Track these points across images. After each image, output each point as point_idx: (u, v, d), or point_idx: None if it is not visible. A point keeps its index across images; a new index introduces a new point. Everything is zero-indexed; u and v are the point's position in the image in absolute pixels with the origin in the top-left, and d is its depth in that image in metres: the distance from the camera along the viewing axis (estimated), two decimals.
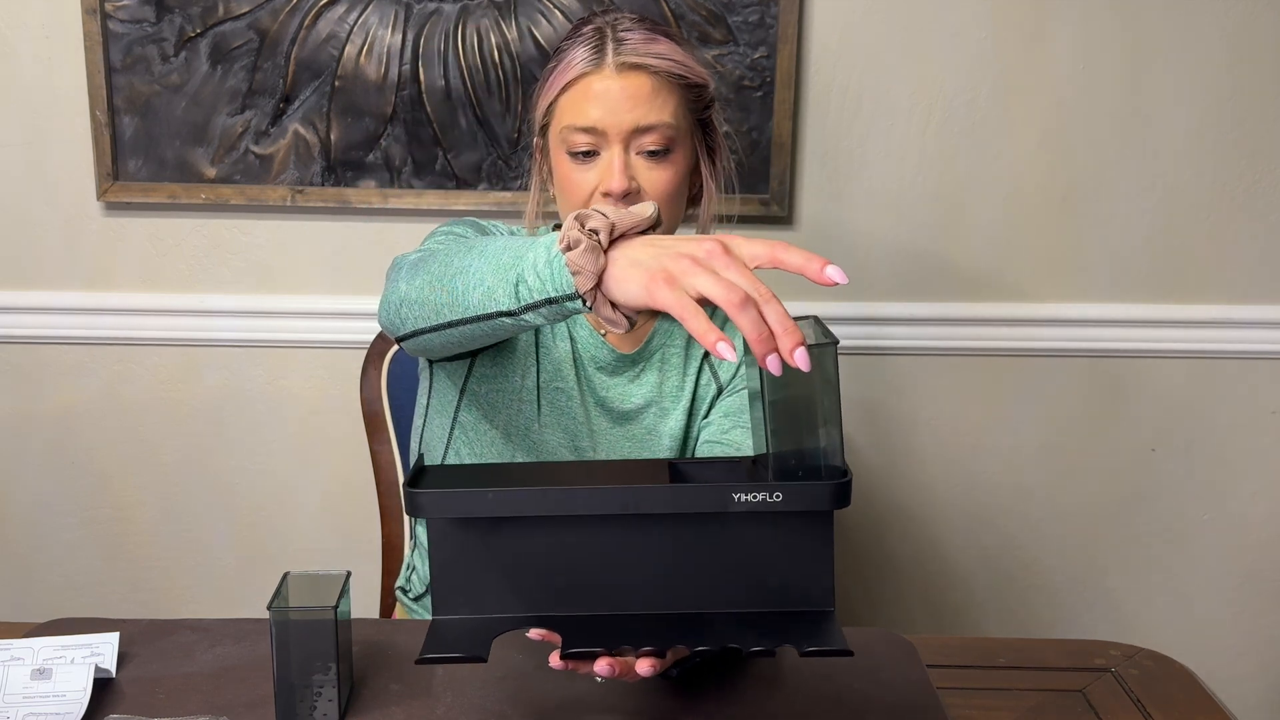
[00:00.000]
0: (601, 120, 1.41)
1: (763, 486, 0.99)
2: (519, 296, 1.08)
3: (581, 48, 1.43)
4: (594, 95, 1.41)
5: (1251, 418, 2.22)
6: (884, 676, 1.31)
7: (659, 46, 1.42)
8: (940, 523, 2.27)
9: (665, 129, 1.41)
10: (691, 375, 1.56)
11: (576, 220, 1.03)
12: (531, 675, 1.28)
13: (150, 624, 1.39)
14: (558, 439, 1.52)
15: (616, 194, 1.40)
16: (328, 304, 2.14)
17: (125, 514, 2.26)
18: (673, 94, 1.42)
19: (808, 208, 2.10)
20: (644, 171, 1.42)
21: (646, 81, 1.41)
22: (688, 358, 1.56)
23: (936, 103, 2.07)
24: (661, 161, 1.42)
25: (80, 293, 2.14)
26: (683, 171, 1.45)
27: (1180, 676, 1.37)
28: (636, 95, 1.40)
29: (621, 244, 1.03)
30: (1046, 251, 2.13)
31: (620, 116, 1.40)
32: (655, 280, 0.98)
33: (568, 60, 1.44)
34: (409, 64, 2.03)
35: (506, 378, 1.51)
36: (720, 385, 1.56)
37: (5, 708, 1.20)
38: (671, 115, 1.42)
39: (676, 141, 1.43)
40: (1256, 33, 2.04)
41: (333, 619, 1.16)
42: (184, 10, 2.01)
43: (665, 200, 1.42)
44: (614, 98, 1.40)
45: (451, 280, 1.16)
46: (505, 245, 1.13)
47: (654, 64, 1.41)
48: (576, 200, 1.44)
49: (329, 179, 2.08)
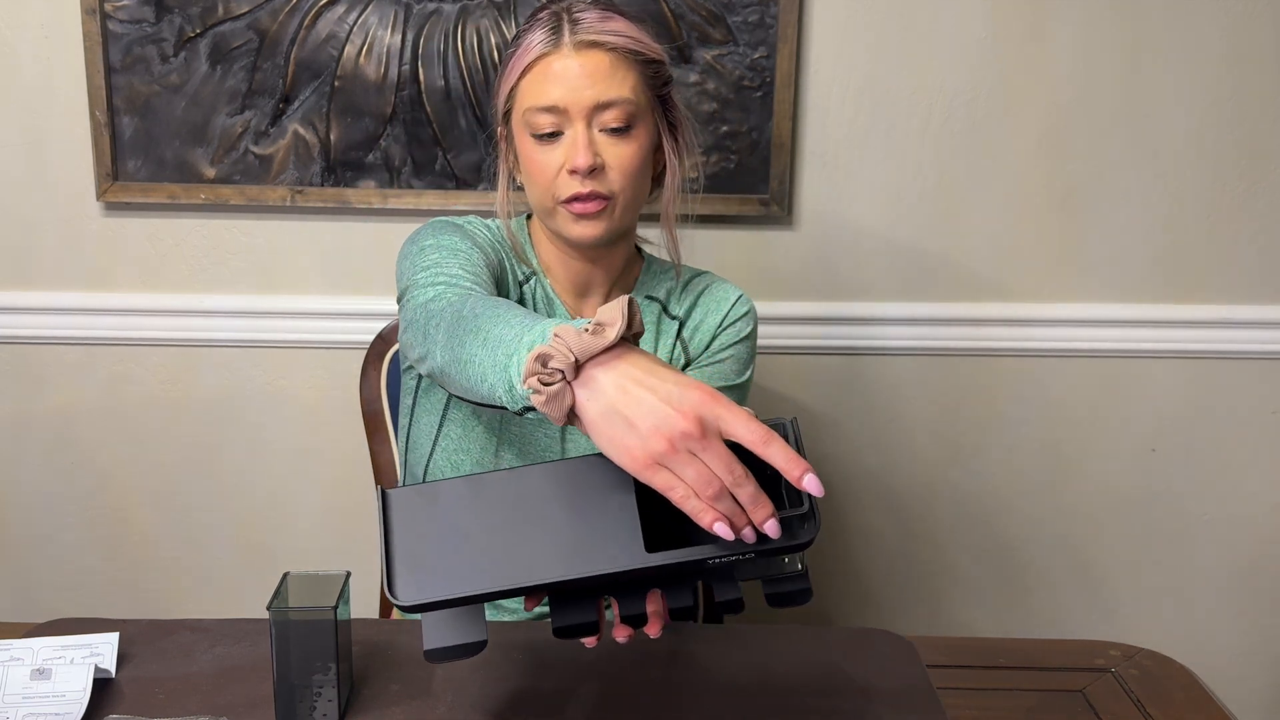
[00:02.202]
0: (563, 98, 1.42)
1: (736, 548, 1.00)
2: (515, 400, 1.07)
3: (538, 30, 1.45)
4: (553, 75, 1.43)
5: (1251, 418, 2.22)
6: (883, 676, 1.31)
7: (614, 24, 1.44)
8: (939, 523, 2.27)
9: (626, 104, 1.43)
10: (665, 351, 1.58)
11: (538, 361, 1.00)
12: (532, 675, 1.29)
13: (150, 624, 1.39)
14: (542, 428, 1.54)
15: (583, 169, 1.41)
16: (327, 304, 2.14)
17: (125, 514, 2.26)
18: (631, 70, 1.44)
19: (807, 208, 2.11)
20: (607, 148, 1.44)
21: (604, 58, 1.42)
22: (660, 332, 1.59)
23: (936, 103, 2.07)
24: (624, 137, 1.44)
25: (80, 293, 2.15)
26: (645, 147, 1.46)
27: (1180, 676, 1.38)
28: (595, 72, 1.42)
29: (591, 372, 1.00)
30: (1046, 251, 2.14)
31: (581, 93, 1.42)
32: (646, 465, 0.97)
33: (525, 44, 1.45)
34: (409, 64, 2.03)
35: None
36: (689, 357, 1.59)
37: (5, 708, 1.20)
38: (631, 90, 1.43)
39: (637, 117, 1.45)
40: (1255, 33, 2.05)
41: (332, 619, 1.17)
42: (183, 10, 2.01)
43: (629, 176, 1.45)
44: (573, 75, 1.42)
45: (464, 368, 1.15)
46: (500, 336, 1.11)
47: (611, 40, 1.42)
48: (544, 182, 1.45)
49: (329, 179, 2.08)
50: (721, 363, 1.58)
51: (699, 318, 1.59)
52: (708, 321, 1.59)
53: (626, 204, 1.47)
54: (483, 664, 1.29)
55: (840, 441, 2.21)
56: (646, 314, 1.58)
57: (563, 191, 1.44)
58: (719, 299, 1.60)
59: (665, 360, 1.55)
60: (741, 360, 1.59)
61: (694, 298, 1.60)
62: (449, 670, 1.28)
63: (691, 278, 1.63)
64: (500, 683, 1.27)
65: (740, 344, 1.59)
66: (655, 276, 1.62)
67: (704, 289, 1.61)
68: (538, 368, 1.00)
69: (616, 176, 1.44)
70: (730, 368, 1.58)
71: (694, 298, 1.60)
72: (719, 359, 1.58)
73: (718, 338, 1.58)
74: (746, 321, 1.60)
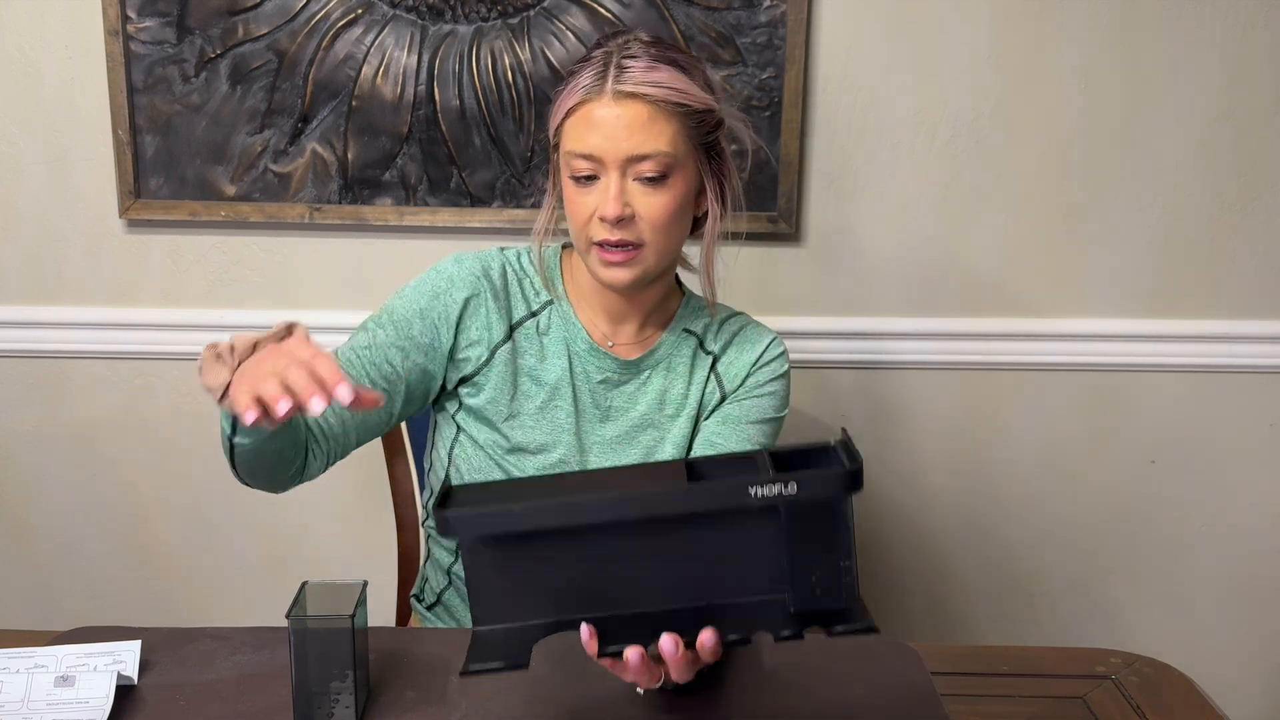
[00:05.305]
0: (599, 148, 1.42)
1: (777, 478, 1.01)
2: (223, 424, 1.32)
3: (587, 72, 1.45)
4: (593, 122, 1.43)
5: (1249, 430, 2.22)
6: (889, 683, 1.32)
7: (658, 74, 1.42)
8: (944, 533, 2.28)
9: (662, 157, 1.42)
10: (699, 384, 1.59)
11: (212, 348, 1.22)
12: (548, 683, 1.29)
13: (171, 632, 1.40)
14: (559, 452, 1.57)
15: (610, 219, 1.42)
16: (345, 319, 2.10)
17: (147, 525, 2.27)
18: (670, 121, 1.43)
19: (815, 225, 2.12)
20: (640, 198, 1.44)
21: (644, 110, 1.42)
22: (694, 365, 1.60)
23: (941, 122, 2.08)
24: (658, 188, 1.44)
25: (103, 308, 2.16)
26: (680, 196, 1.46)
27: (1179, 684, 1.38)
28: (633, 124, 1.41)
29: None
30: (1049, 267, 2.14)
31: (617, 145, 1.42)
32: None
33: (573, 84, 1.46)
34: (424, 84, 2.04)
35: (498, 402, 1.56)
36: (724, 393, 1.60)
37: (30, 714, 1.21)
38: (669, 144, 1.43)
39: (674, 168, 1.44)
40: (1253, 55, 2.05)
41: (350, 627, 1.17)
42: (204, 32, 2.02)
43: (660, 225, 1.45)
44: (610, 126, 1.42)
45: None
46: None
47: (651, 93, 1.41)
48: (579, 222, 1.47)
49: (346, 197, 2.09)
50: (762, 398, 1.59)
51: (733, 355, 1.60)
52: (742, 359, 1.60)
53: (658, 251, 1.47)
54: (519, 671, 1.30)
55: None
56: (683, 347, 1.60)
57: (595, 235, 1.45)
58: (754, 340, 1.61)
59: (699, 391, 1.59)
60: (780, 396, 1.61)
61: (729, 336, 1.61)
62: (464, 678, 1.29)
63: (729, 317, 1.64)
64: (516, 690, 1.27)
65: (778, 380, 1.60)
66: (694, 312, 1.62)
67: (740, 329, 1.62)
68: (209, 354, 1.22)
69: (646, 227, 1.44)
70: (769, 403, 1.59)
71: (729, 336, 1.61)
72: (759, 394, 1.59)
73: (752, 375, 1.59)
74: (782, 361, 1.61)
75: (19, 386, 2.21)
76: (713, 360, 1.60)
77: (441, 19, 2.02)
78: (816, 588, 1.06)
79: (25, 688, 1.25)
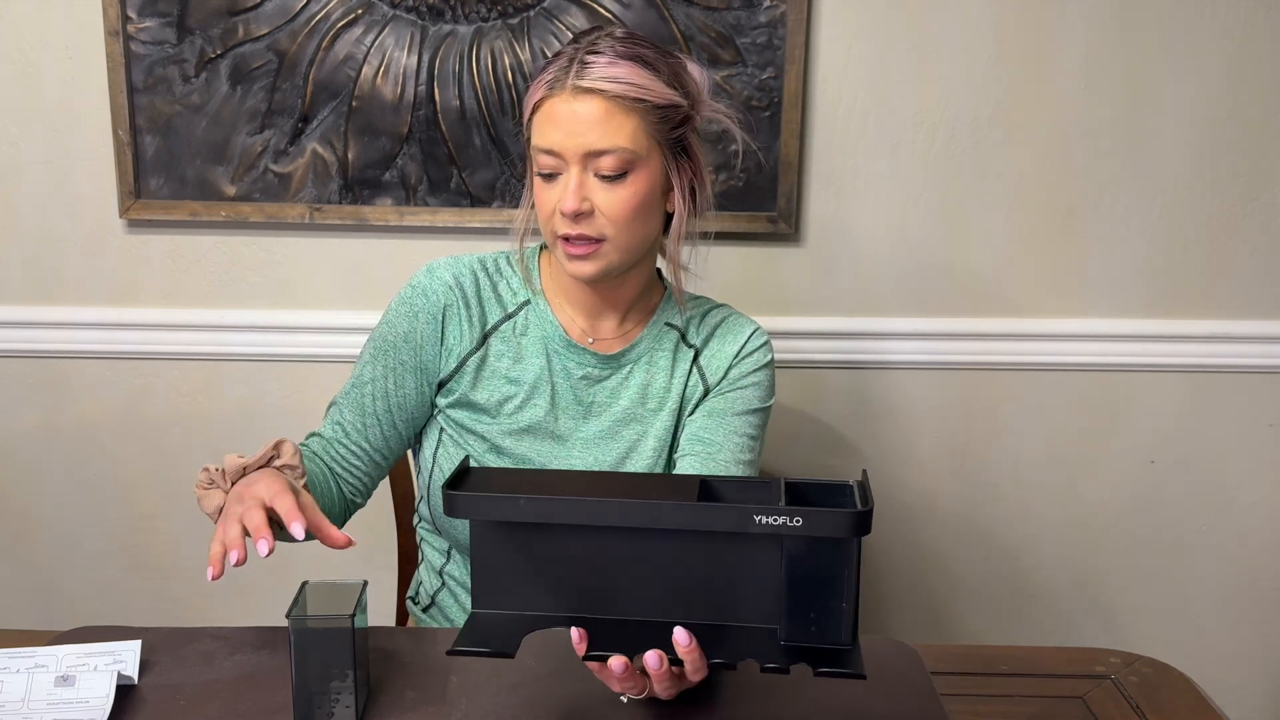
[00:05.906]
0: (559, 143, 1.43)
1: (784, 510, 1.02)
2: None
3: (552, 69, 1.45)
4: (554, 117, 1.44)
5: (1248, 430, 2.22)
6: (888, 683, 1.32)
7: (618, 70, 1.42)
8: (944, 533, 2.28)
9: (621, 153, 1.42)
10: (680, 377, 1.60)
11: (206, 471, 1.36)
12: (546, 682, 1.29)
13: (171, 632, 1.39)
14: (540, 450, 1.58)
15: (568, 213, 1.43)
16: (345, 319, 2.15)
17: (147, 525, 2.27)
18: (629, 117, 1.42)
19: (814, 225, 2.12)
20: (600, 193, 1.44)
21: (601, 105, 1.42)
22: (676, 359, 1.60)
23: (941, 122, 2.08)
24: (618, 184, 1.44)
25: (103, 308, 2.16)
26: (642, 193, 1.45)
27: (1179, 683, 1.38)
28: (590, 119, 1.42)
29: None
30: (1048, 268, 2.15)
31: (575, 140, 1.42)
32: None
33: (539, 80, 1.47)
34: (424, 84, 2.04)
35: (475, 406, 1.58)
36: (707, 386, 1.60)
37: (30, 714, 1.21)
38: (628, 139, 1.42)
39: (636, 164, 1.44)
40: (1253, 56, 2.06)
41: (350, 627, 1.17)
42: (204, 32, 2.03)
43: (620, 220, 1.45)
44: (569, 121, 1.42)
45: None
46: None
47: (608, 89, 1.41)
48: (544, 216, 1.48)
49: (346, 197, 2.10)
50: (746, 389, 1.59)
51: (715, 348, 1.60)
52: (724, 351, 1.60)
53: (620, 246, 1.47)
54: (497, 671, 1.30)
55: (846, 454, 2.22)
56: (665, 341, 1.60)
57: (558, 229, 1.46)
58: (735, 332, 1.61)
59: (681, 385, 1.59)
60: (764, 387, 1.61)
61: (711, 329, 1.62)
62: (464, 677, 1.29)
63: (711, 309, 1.64)
64: (515, 690, 1.27)
65: (761, 371, 1.61)
66: (676, 305, 1.63)
67: (721, 321, 1.63)
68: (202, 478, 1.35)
69: (606, 222, 1.45)
70: (754, 394, 1.60)
71: (711, 329, 1.62)
72: (743, 385, 1.59)
73: (734, 368, 1.59)
74: (764, 352, 1.62)
75: (19, 386, 2.21)
76: (695, 353, 1.61)
77: (441, 19, 2.02)
78: (812, 624, 1.07)
79: (25, 687, 1.24)
